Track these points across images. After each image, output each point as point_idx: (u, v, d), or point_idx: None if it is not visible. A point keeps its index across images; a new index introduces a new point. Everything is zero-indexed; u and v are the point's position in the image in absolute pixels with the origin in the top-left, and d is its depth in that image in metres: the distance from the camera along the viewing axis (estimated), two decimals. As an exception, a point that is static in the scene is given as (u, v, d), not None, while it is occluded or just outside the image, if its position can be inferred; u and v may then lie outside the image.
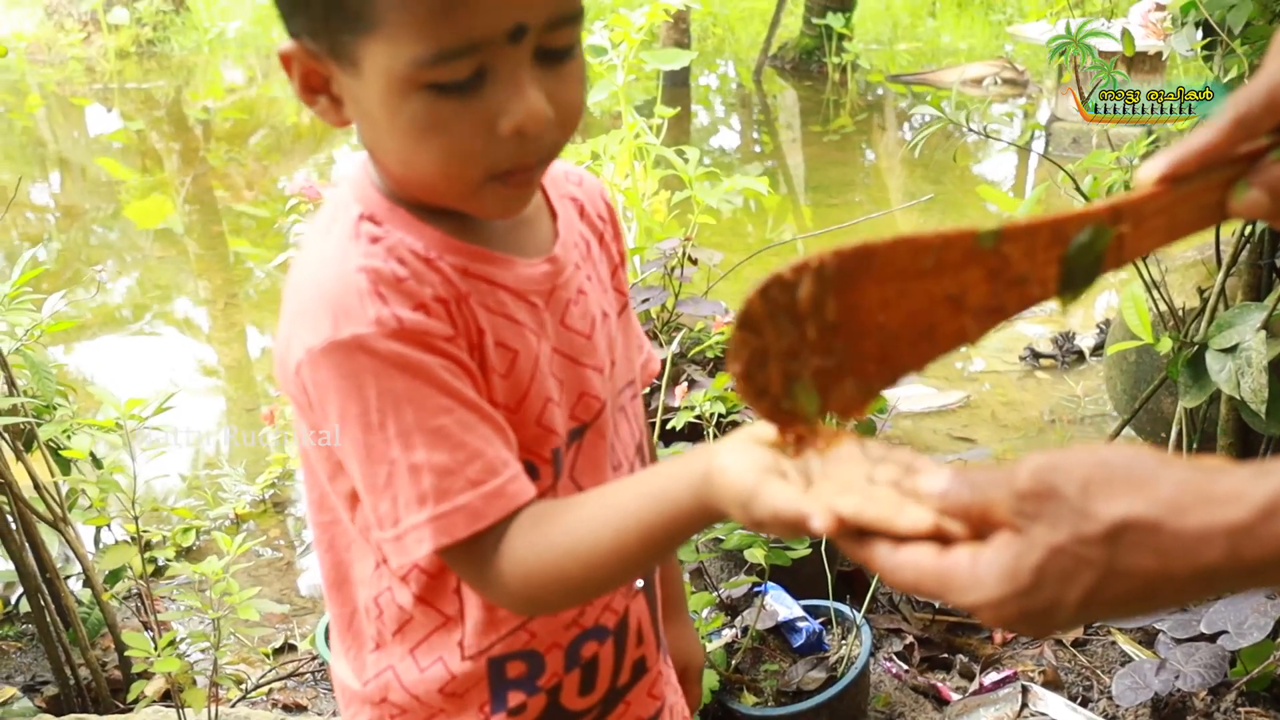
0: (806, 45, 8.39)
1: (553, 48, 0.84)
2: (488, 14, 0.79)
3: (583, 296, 1.00)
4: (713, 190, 2.95)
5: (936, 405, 3.67)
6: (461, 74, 0.81)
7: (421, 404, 0.85)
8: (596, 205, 1.08)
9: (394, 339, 0.84)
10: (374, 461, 0.85)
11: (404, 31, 0.79)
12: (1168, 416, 2.96)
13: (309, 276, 0.88)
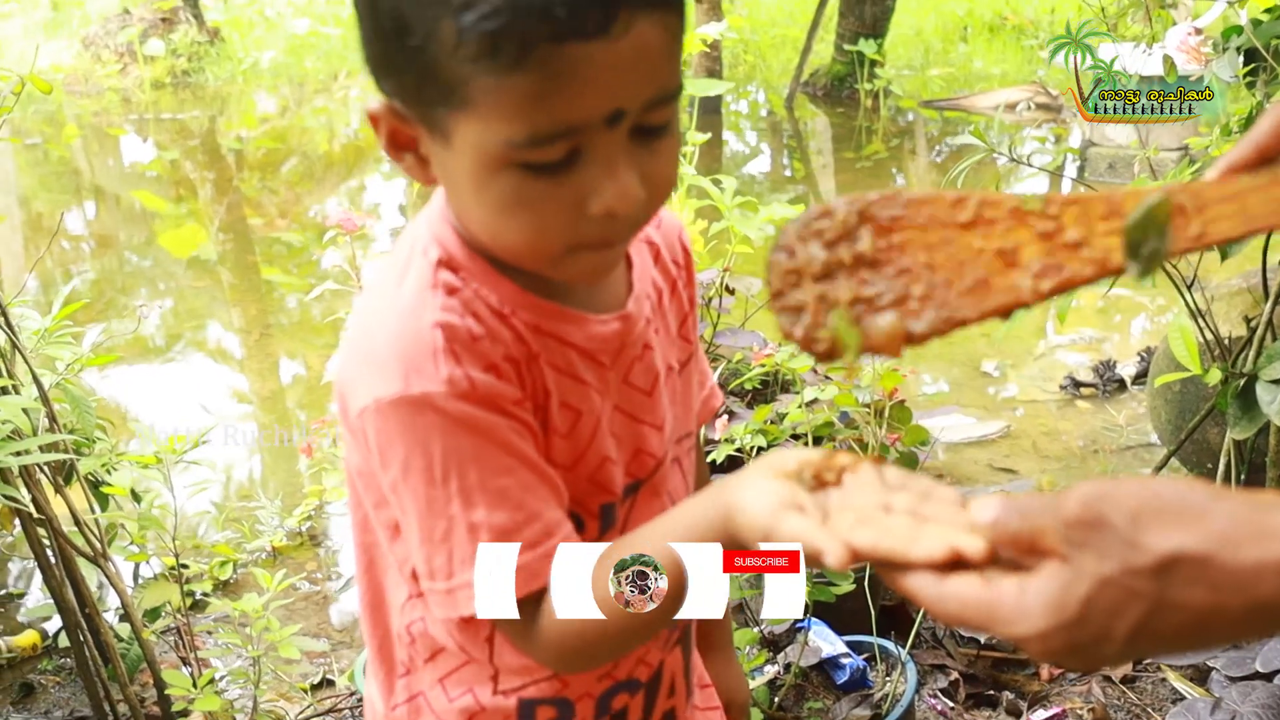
0: (838, 71, 8.39)
1: (649, 125, 0.82)
2: (586, 100, 0.78)
3: (648, 352, 0.99)
4: (749, 220, 2.93)
5: (977, 435, 3.63)
6: (554, 156, 0.80)
7: (485, 463, 0.85)
8: (673, 249, 1.07)
9: (464, 400, 0.84)
10: (434, 515, 0.86)
11: (498, 113, 0.78)
12: (1214, 447, 2.91)
13: (383, 324, 0.88)
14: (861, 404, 2.58)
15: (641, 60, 0.78)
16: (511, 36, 0.75)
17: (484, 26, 0.75)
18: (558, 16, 0.75)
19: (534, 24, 0.75)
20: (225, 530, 3.04)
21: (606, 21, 0.76)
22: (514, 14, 0.75)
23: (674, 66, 0.82)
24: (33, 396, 2.22)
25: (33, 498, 2.16)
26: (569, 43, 0.75)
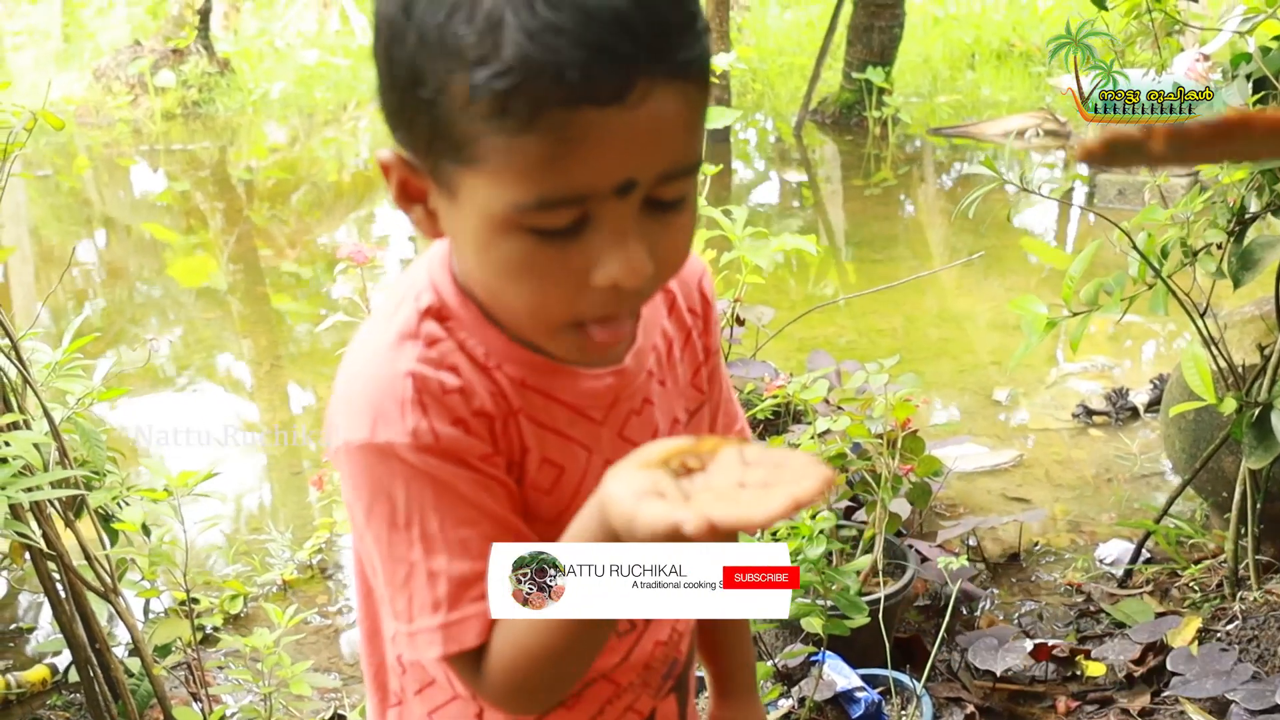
0: (846, 99, 8.41)
1: (663, 199, 0.80)
2: (597, 168, 0.76)
3: (648, 406, 0.98)
4: (760, 250, 2.93)
5: (989, 465, 3.61)
6: (562, 222, 0.78)
7: (447, 514, 0.85)
8: (690, 297, 1.04)
9: (427, 452, 0.84)
10: (395, 560, 0.86)
11: (506, 175, 0.76)
12: (1229, 476, 2.89)
13: (361, 367, 0.88)
14: (874, 435, 2.57)
15: (658, 131, 0.76)
16: (523, 97, 0.73)
17: (495, 85, 0.74)
18: (571, 80, 0.73)
19: (546, 86, 0.73)
20: (236, 563, 3.03)
21: (623, 89, 0.74)
22: (526, 74, 0.73)
23: (692, 139, 0.80)
24: (43, 431, 2.22)
25: (43, 533, 2.16)
26: (582, 108, 0.73)
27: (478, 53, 0.74)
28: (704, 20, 0.81)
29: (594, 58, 0.72)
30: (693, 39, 0.78)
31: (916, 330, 4.83)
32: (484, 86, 0.74)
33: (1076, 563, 3.06)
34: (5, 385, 2.23)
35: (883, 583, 2.52)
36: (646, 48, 0.74)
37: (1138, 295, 2.68)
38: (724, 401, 1.11)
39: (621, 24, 0.73)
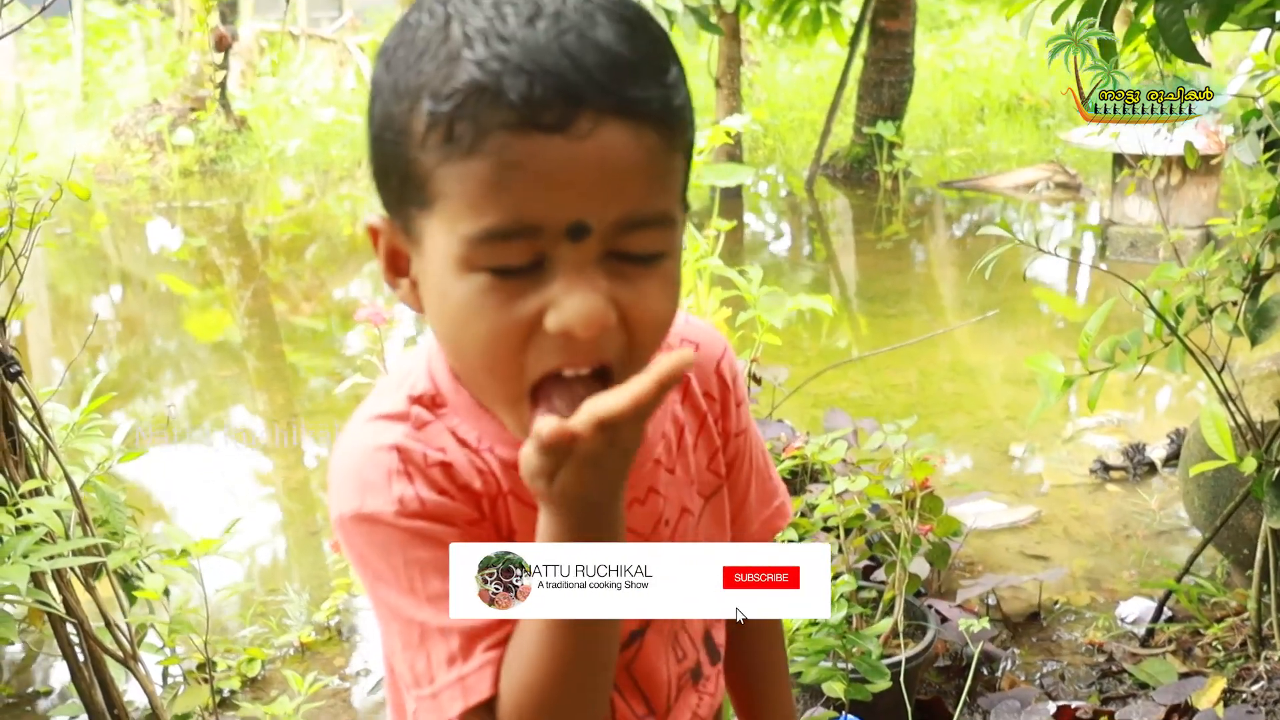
0: (858, 154, 8.46)
1: (628, 252, 0.79)
2: (545, 200, 0.75)
3: (653, 495, 0.96)
4: (775, 309, 2.94)
5: (1007, 521, 3.59)
6: (515, 260, 0.77)
7: (447, 572, 0.84)
8: (707, 381, 1.03)
9: (415, 518, 0.86)
10: (407, 624, 0.87)
11: (458, 206, 0.77)
12: (1250, 533, 2.87)
13: (354, 441, 0.90)
14: (892, 495, 2.57)
15: (608, 170, 0.76)
16: (468, 121, 0.75)
17: (443, 110, 0.76)
18: (514, 103, 0.74)
19: (491, 110, 0.75)
20: (252, 624, 3.02)
21: (567, 117, 0.74)
22: (472, 98, 0.75)
23: (655, 188, 0.78)
24: (64, 495, 2.23)
25: (63, 599, 2.16)
26: (527, 133, 0.74)
27: (433, 86, 0.76)
28: (674, 73, 0.80)
29: (537, 82, 0.74)
30: (650, 81, 0.78)
31: (931, 385, 4.82)
32: (435, 115, 0.76)
33: (1097, 621, 3.04)
34: (28, 451, 2.24)
35: (903, 644, 2.51)
36: (594, 81, 0.75)
37: (1154, 352, 2.68)
38: (757, 480, 1.09)
39: (569, 56, 0.74)
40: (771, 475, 1.12)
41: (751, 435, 1.08)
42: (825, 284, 6.46)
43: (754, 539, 1.10)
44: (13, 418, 2.19)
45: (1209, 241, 5.58)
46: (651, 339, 0.83)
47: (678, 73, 0.81)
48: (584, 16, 0.76)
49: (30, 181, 2.06)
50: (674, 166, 0.80)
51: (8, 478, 2.15)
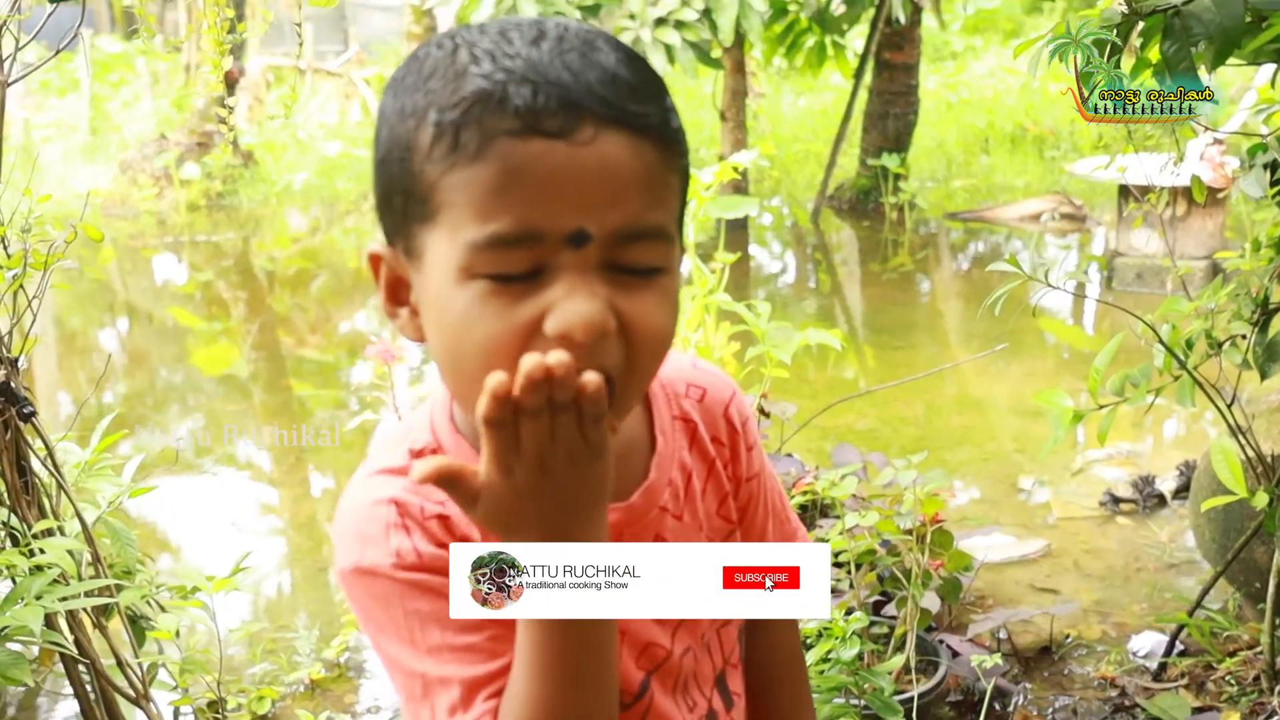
0: (863, 185, 8.48)
1: (627, 264, 0.81)
2: (547, 206, 0.77)
3: (659, 543, 0.96)
4: (784, 345, 2.95)
5: (1017, 555, 3.59)
6: (516, 267, 0.79)
7: (448, 623, 0.86)
8: (715, 426, 1.03)
9: (412, 569, 0.87)
10: (410, 675, 0.88)
11: (462, 213, 0.79)
12: (1261, 566, 2.86)
13: (356, 495, 0.92)
14: (903, 530, 2.56)
15: (608, 179, 0.78)
16: (474, 128, 0.78)
17: (448, 118, 0.79)
18: (518, 109, 0.77)
19: (495, 116, 0.77)
20: (262, 662, 3.01)
21: (569, 124, 0.77)
22: (477, 106, 0.78)
23: (654, 202, 0.81)
24: (75, 533, 2.24)
25: (75, 639, 2.16)
26: (530, 138, 0.77)
27: (440, 100, 0.80)
28: (669, 101, 0.84)
29: (541, 91, 0.77)
30: (647, 100, 0.81)
31: (938, 418, 4.82)
32: (441, 124, 0.79)
33: (1109, 655, 3.03)
34: (39, 489, 2.24)
35: (915, 680, 2.50)
36: (595, 93, 0.78)
37: (1164, 386, 2.68)
38: (775, 524, 1.09)
39: (570, 70, 0.78)
40: (790, 518, 1.11)
41: (766, 479, 1.08)
42: (831, 316, 6.46)
43: None
44: (25, 458, 2.20)
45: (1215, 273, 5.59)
46: (650, 353, 0.83)
47: (671, 103, 0.84)
48: (584, 41, 0.81)
49: (44, 223, 2.07)
50: (670, 184, 0.83)
51: (20, 518, 2.16)
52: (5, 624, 1.92)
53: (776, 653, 1.14)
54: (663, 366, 1.00)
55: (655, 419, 0.99)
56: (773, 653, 1.14)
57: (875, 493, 2.64)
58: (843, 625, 2.08)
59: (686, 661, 0.99)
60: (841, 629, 2.08)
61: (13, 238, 2.11)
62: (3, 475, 2.14)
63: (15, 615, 1.91)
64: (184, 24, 10.59)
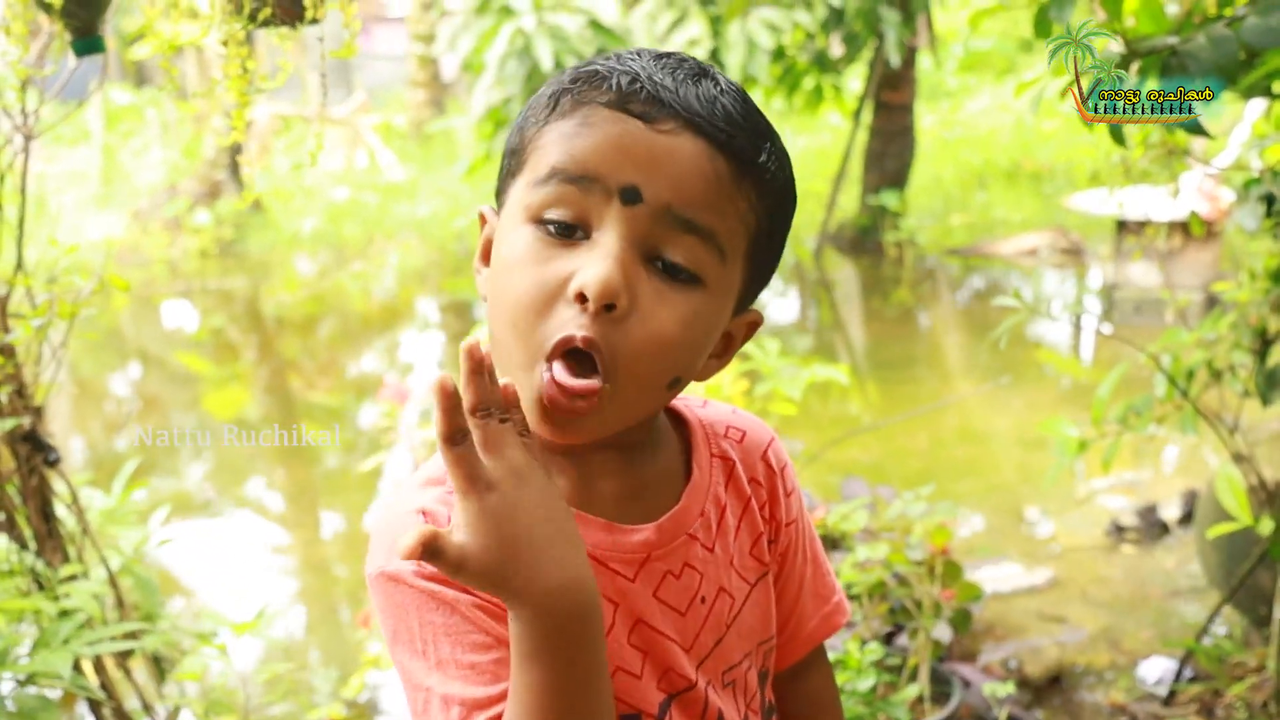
0: (863, 223, 8.56)
1: (668, 259, 0.87)
2: (608, 160, 0.86)
3: (688, 571, 0.98)
4: (793, 381, 2.99)
5: (1025, 584, 3.61)
6: (567, 215, 0.87)
7: (458, 639, 0.88)
8: (753, 468, 1.05)
9: (431, 579, 0.89)
10: (415, 687, 0.90)
11: (538, 157, 0.89)
12: (1266, 591, 2.89)
13: (389, 503, 0.96)
14: (913, 561, 2.60)
15: (674, 161, 0.86)
16: (572, 95, 0.89)
17: (560, 87, 0.90)
18: (613, 86, 0.87)
19: (594, 90, 0.88)
20: (284, 701, 3.04)
21: (654, 113, 0.86)
22: (583, 80, 0.89)
23: (712, 204, 0.87)
24: (100, 579, 2.28)
25: (101, 683, 2.20)
26: (614, 111, 0.86)
27: (564, 79, 0.91)
28: (769, 146, 0.91)
29: (642, 84, 0.87)
30: (739, 128, 0.89)
31: (942, 450, 4.86)
32: (554, 92, 0.90)
33: (1118, 682, 3.05)
34: (62, 536, 2.28)
35: (929, 710, 2.53)
36: (690, 103, 0.87)
37: (1166, 415, 2.73)
38: (814, 573, 1.10)
39: (675, 80, 0.88)
40: (828, 570, 1.12)
41: (805, 527, 1.09)
42: (834, 352, 6.51)
43: (812, 635, 1.10)
44: (49, 504, 2.24)
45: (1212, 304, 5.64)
46: (648, 354, 0.86)
47: (771, 147, 0.92)
48: (703, 72, 0.91)
49: (71, 274, 2.12)
50: (738, 205, 0.89)
51: (46, 563, 2.20)
52: (34, 669, 1.95)
53: (813, 701, 1.13)
54: (705, 410, 1.05)
55: (694, 454, 1.01)
56: (810, 701, 1.14)
57: (884, 525, 2.68)
58: (858, 657, 2.12)
59: (712, 695, 0.99)
60: (857, 660, 2.11)
61: (38, 287, 2.16)
62: (29, 520, 2.18)
63: (44, 660, 1.95)
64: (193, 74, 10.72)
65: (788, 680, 1.12)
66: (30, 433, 2.14)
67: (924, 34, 8.81)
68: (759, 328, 0.99)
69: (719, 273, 0.88)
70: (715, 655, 1.00)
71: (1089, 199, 6.94)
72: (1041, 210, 9.30)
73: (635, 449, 0.97)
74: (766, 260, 0.95)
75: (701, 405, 1.06)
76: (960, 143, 11.49)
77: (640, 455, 0.98)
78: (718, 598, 0.99)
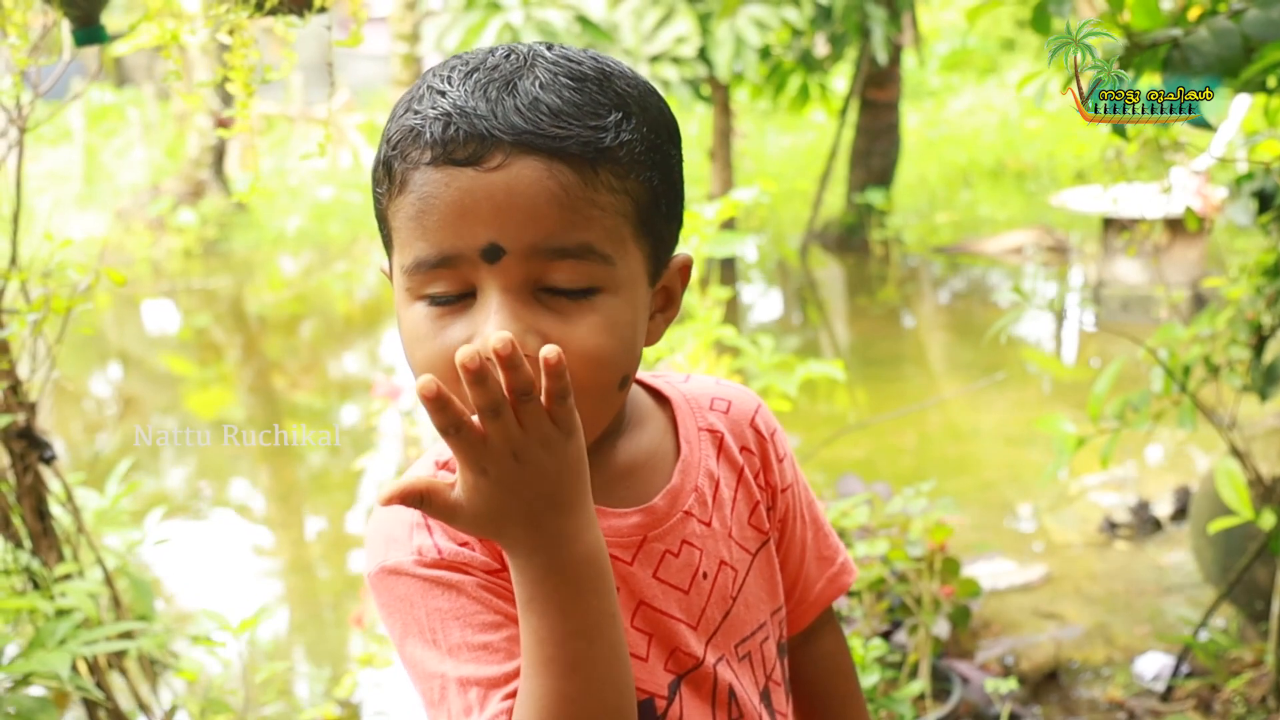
0: (849, 221, 8.57)
1: (554, 285, 0.84)
2: (460, 226, 0.83)
3: (687, 548, 0.98)
4: (788, 378, 2.99)
5: (1019, 581, 3.62)
6: (446, 289, 0.85)
7: (467, 621, 0.88)
8: (742, 436, 1.05)
9: (432, 566, 0.89)
10: (429, 678, 0.89)
11: (401, 240, 0.87)
12: (1262, 586, 2.90)
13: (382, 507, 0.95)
14: (913, 558, 2.60)
15: (518, 198, 0.82)
16: (399, 161, 0.86)
17: (384, 154, 0.87)
18: (429, 141, 0.84)
19: (414, 150, 0.85)
20: (276, 701, 3.02)
21: (478, 152, 0.83)
22: (404, 141, 0.86)
23: (575, 220, 0.84)
24: (95, 578, 2.25)
25: (97, 681, 2.17)
26: (442, 167, 0.83)
27: (387, 136, 0.89)
28: (613, 118, 0.86)
29: (453, 123, 0.84)
30: (571, 122, 0.84)
31: (932, 447, 4.87)
32: (382, 160, 0.88)
33: (1115, 678, 3.06)
34: (58, 536, 2.26)
35: (929, 707, 2.52)
36: (508, 121, 0.83)
37: (1164, 410, 2.73)
38: (815, 536, 1.10)
39: (488, 100, 0.84)
40: (830, 532, 1.13)
41: (801, 490, 1.09)
42: (821, 350, 6.51)
43: (820, 598, 1.11)
44: (44, 502, 2.21)
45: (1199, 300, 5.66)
46: (587, 374, 0.85)
47: (619, 119, 0.86)
48: (519, 70, 0.86)
49: (66, 268, 2.10)
50: (599, 203, 0.85)
51: (41, 561, 2.17)
52: (32, 668, 1.93)
53: (826, 663, 1.14)
54: (687, 385, 1.05)
55: (680, 430, 1.01)
56: (821, 664, 1.14)
57: (882, 522, 2.67)
58: (861, 653, 2.11)
59: (723, 670, 0.99)
60: (860, 657, 2.10)
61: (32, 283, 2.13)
62: (24, 518, 2.16)
63: (42, 660, 1.93)
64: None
65: (800, 645, 1.13)
66: (25, 429, 2.11)
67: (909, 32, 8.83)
68: (691, 267, 0.97)
69: (612, 272, 0.86)
70: (725, 629, 1.00)
71: (1076, 196, 6.96)
72: (1026, 208, 9.33)
73: (612, 436, 0.97)
74: (666, 216, 0.92)
75: (684, 381, 1.06)
76: (944, 141, 11.53)
77: (620, 440, 0.98)
78: (719, 571, 0.99)
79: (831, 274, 8.38)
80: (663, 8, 5.98)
